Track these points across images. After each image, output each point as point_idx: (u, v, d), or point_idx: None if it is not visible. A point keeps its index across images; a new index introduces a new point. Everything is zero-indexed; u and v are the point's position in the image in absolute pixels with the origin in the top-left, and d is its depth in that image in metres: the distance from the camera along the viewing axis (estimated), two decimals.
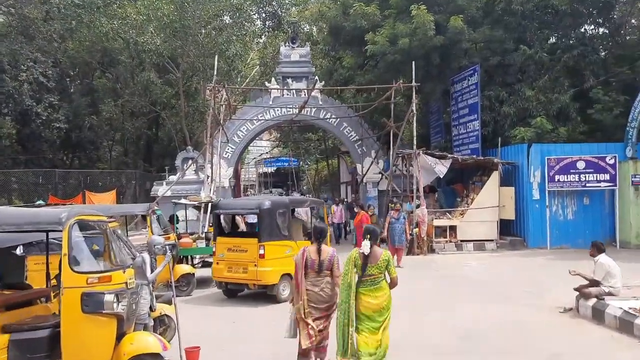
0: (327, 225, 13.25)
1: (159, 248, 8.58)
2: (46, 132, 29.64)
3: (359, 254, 6.70)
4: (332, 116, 25.16)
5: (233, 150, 25.55)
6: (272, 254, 11.67)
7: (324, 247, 7.01)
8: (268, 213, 11.81)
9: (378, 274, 6.65)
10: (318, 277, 6.85)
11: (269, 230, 11.77)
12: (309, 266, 6.86)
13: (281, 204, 12.48)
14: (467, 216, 19.10)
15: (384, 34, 20.66)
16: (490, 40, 21.33)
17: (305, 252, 6.95)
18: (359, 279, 6.68)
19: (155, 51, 26.25)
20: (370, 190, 25.06)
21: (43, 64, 27.66)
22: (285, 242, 11.94)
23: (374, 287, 6.64)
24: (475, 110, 20.56)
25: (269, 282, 11.73)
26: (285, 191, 55.15)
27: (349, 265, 6.72)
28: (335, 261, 6.93)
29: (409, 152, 19.54)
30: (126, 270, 7.25)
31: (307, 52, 25.98)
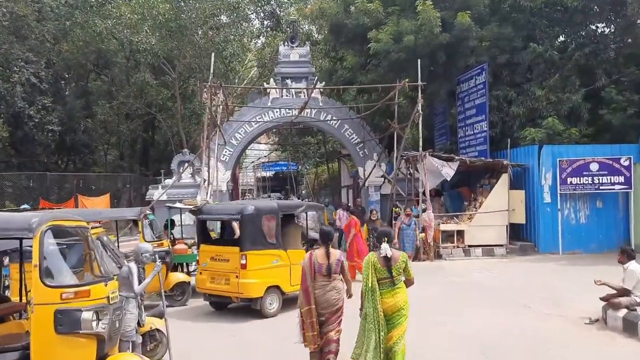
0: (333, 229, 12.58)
1: (147, 256, 7.68)
2: (39, 135, 28.90)
3: (377, 257, 6.59)
4: (332, 118, 24.27)
5: (231, 153, 24.64)
6: (256, 264, 10.64)
7: (332, 250, 6.89)
8: (251, 219, 10.78)
9: (397, 275, 6.61)
10: (326, 281, 6.76)
11: (252, 238, 10.72)
12: (317, 270, 6.78)
13: (267, 209, 11.48)
14: (475, 220, 18.22)
15: (387, 31, 19.82)
16: (498, 38, 20.47)
17: (313, 255, 6.88)
18: (380, 281, 6.59)
19: (150, 51, 25.38)
20: (373, 194, 24.15)
21: (35, 64, 26.77)
22: (271, 251, 10.94)
23: (393, 288, 6.60)
24: (483, 111, 19.70)
25: (252, 295, 10.66)
26: (284, 195, 54.37)
27: (369, 270, 6.60)
28: (344, 264, 6.90)
29: (415, 155, 18.62)
30: (109, 282, 6.36)
31: (307, 51, 25.09)
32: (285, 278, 10.97)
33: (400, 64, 20.10)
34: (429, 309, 10.51)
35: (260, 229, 10.81)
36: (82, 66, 31.61)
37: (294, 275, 10.67)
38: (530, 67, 20.80)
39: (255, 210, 10.83)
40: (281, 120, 24.51)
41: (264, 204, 12.70)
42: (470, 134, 20.75)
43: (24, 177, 27.09)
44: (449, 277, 14.71)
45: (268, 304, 10.78)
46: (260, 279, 10.65)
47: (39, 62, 27.76)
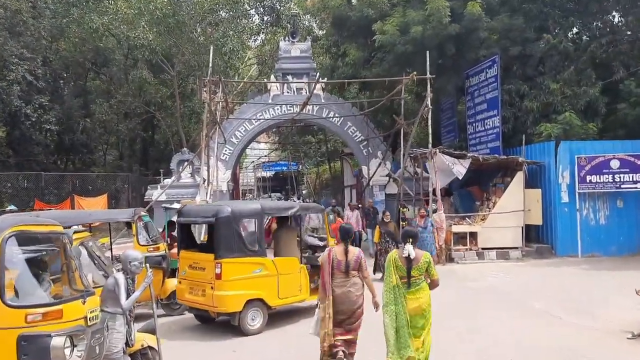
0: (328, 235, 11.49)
1: (136, 265, 6.61)
2: (37, 134, 28.06)
3: (398, 256, 6.52)
4: (335, 115, 23.24)
5: (231, 151, 23.61)
6: (233, 274, 9.23)
7: (351, 247, 6.84)
8: (227, 222, 9.33)
9: (419, 276, 6.50)
10: (345, 278, 6.70)
11: (229, 244, 9.27)
12: (335, 267, 6.72)
13: (247, 211, 10.15)
14: (488, 221, 17.11)
15: (393, 23, 18.76)
16: (509, 29, 19.37)
17: (332, 252, 6.85)
18: (401, 280, 6.50)
19: (147, 47, 24.29)
20: (377, 194, 23.12)
21: (30, 61, 25.72)
22: (253, 259, 9.51)
23: (415, 288, 6.48)
24: (495, 106, 18.62)
25: (228, 309, 9.28)
26: (284, 196, 53.36)
27: (391, 268, 6.53)
28: (363, 261, 6.82)
29: (424, 152, 17.54)
30: (88, 299, 5.27)
31: (308, 47, 24.07)
32: (270, 290, 9.59)
33: (407, 57, 19.02)
34: (444, 317, 9.46)
35: (239, 234, 9.46)
36: (80, 65, 30.72)
37: (283, 287, 9.69)
38: (542, 60, 19.77)
39: (232, 213, 9.43)
40: (282, 117, 23.51)
41: (244, 205, 11.16)
42: (481, 130, 19.68)
43: (20, 177, 26.17)
44: (463, 282, 13.63)
45: (249, 320, 9.37)
46: (238, 290, 9.23)
47: (35, 59, 26.84)
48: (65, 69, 30.91)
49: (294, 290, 9.95)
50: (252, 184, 64.02)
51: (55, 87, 30.14)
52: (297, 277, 10.01)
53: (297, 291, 10.00)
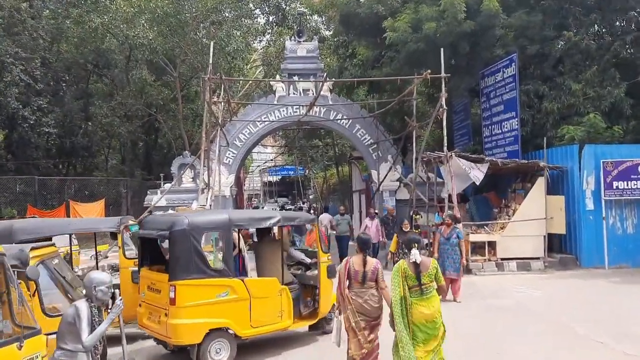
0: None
1: (102, 291, 5.30)
2: (35, 137, 27.01)
3: (408, 264, 6.38)
4: (343, 117, 21.98)
5: (234, 155, 22.37)
6: (190, 299, 7.55)
7: (369, 258, 6.72)
8: (183, 237, 7.64)
9: (429, 282, 6.37)
10: (362, 289, 6.60)
11: (185, 263, 7.60)
12: (353, 277, 6.64)
13: (210, 223, 8.47)
14: (508, 230, 15.79)
15: (405, 20, 17.48)
16: (527, 27, 18.05)
17: (349, 262, 6.73)
18: (410, 289, 6.33)
19: (147, 46, 23.05)
20: (388, 199, 21.80)
21: (27, 61, 24.66)
22: (217, 280, 7.81)
23: (426, 296, 6.33)
24: (513, 107, 17.30)
25: (184, 340, 7.61)
26: (291, 200, 52.13)
27: (399, 278, 6.35)
28: (380, 272, 6.66)
29: (439, 156, 16.22)
30: (27, 340, 3.98)
31: (315, 46, 22.78)
32: (240, 317, 7.92)
33: (419, 55, 17.74)
34: (470, 348, 8.17)
35: (198, 251, 7.76)
36: (81, 67, 29.59)
37: (257, 313, 8.02)
38: (562, 59, 18.44)
39: (190, 225, 7.73)
40: (288, 119, 22.25)
41: (206, 216, 9.28)
42: (497, 133, 18.35)
43: (18, 182, 25.07)
44: (485, 298, 12.28)
45: (213, 353, 7.67)
46: (197, 318, 7.59)
47: (33, 60, 25.84)
48: (66, 71, 29.84)
49: (272, 316, 8.27)
50: (258, 189, 62.96)
51: (56, 90, 29.11)
52: (275, 301, 8.31)
53: (277, 317, 8.31)
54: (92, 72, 30.33)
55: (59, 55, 28.79)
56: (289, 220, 9.38)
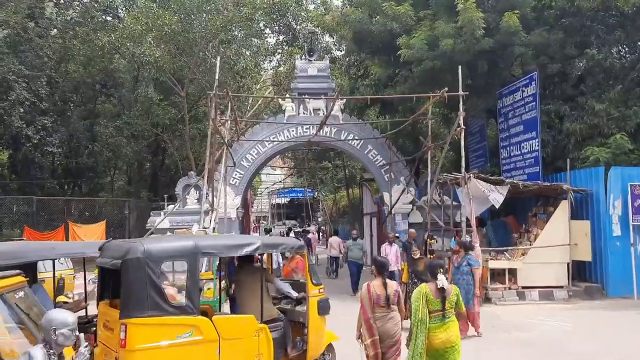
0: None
1: (64, 335, 4.29)
2: (39, 157, 26.36)
3: (430, 289, 6.36)
4: (354, 137, 21.15)
5: (241, 176, 21.55)
6: (145, 340, 6.05)
7: (389, 281, 6.73)
8: (137, 267, 6.16)
9: (450, 309, 6.36)
10: (385, 313, 6.56)
11: (139, 298, 6.12)
12: (375, 301, 6.57)
13: (172, 250, 6.82)
14: (530, 256, 14.76)
15: (420, 36, 16.65)
16: (548, 45, 17.18)
17: (371, 287, 6.67)
18: (430, 314, 6.28)
19: (154, 64, 22.34)
20: (400, 223, 20.86)
21: (32, 80, 24.07)
22: (177, 318, 6.28)
23: (445, 321, 6.31)
24: (534, 127, 16.38)
25: None
26: (299, 223, 51.23)
27: (420, 301, 6.33)
28: (401, 295, 6.74)
29: (457, 177, 15.25)
30: None
31: (326, 65, 22.07)
32: None
33: (435, 73, 16.90)
34: None
35: (155, 283, 6.24)
36: (89, 87, 28.97)
37: (228, 357, 6.52)
38: (583, 78, 17.58)
39: (145, 253, 6.25)
40: (298, 139, 21.45)
41: (167, 242, 7.36)
42: (516, 154, 17.40)
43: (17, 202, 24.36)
44: (509, 330, 11.25)
45: None
46: None
47: (39, 78, 25.27)
48: (74, 90, 29.30)
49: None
50: (266, 211, 62.17)
51: (63, 109, 28.57)
52: (251, 343, 6.87)
53: None
54: (100, 92, 29.68)
55: (66, 75, 28.24)
56: (271, 247, 8.06)
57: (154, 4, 23.41)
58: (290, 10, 24.91)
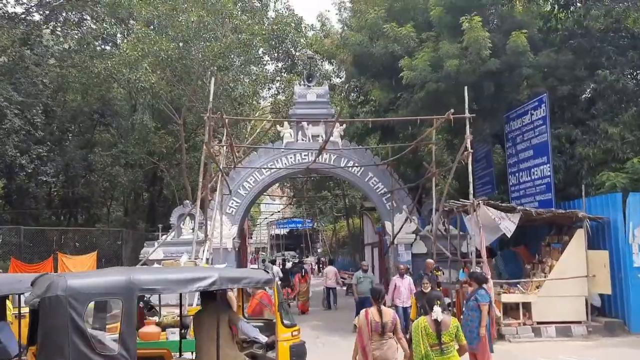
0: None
1: None
2: (34, 187, 25.35)
3: (428, 322, 6.16)
4: (355, 164, 20.12)
5: (238, 204, 20.52)
6: None
7: (384, 308, 6.63)
8: (56, 307, 4.91)
9: (450, 342, 6.13)
10: (382, 340, 6.47)
11: (59, 345, 4.84)
12: (373, 329, 6.49)
13: (101, 286, 5.40)
14: (544, 289, 13.56)
15: (424, 57, 15.75)
16: (557, 67, 16.26)
17: (369, 314, 6.57)
18: (430, 347, 6.07)
19: (149, 90, 21.37)
20: (403, 253, 19.74)
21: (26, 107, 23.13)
22: None
23: (446, 355, 6.10)
24: (544, 152, 15.34)
25: None
26: (299, 254, 49.93)
27: (419, 335, 6.12)
28: (399, 323, 6.63)
29: (464, 204, 14.14)
30: None
31: (326, 91, 21.19)
32: None
33: (439, 96, 15.95)
34: None
35: (78, 327, 4.92)
36: (87, 116, 27.97)
37: None
38: (593, 101, 16.62)
39: (68, 291, 4.96)
40: (296, 167, 20.44)
41: (96, 277, 5.81)
42: (526, 180, 16.33)
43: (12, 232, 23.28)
44: None
45: None
46: None
47: (35, 107, 24.41)
48: (72, 120, 28.39)
49: None
50: (265, 242, 60.86)
51: (60, 139, 27.64)
52: None
53: None
54: (98, 121, 28.74)
55: (64, 104, 27.37)
56: (231, 281, 6.19)
57: (151, 31, 22.59)
58: (289, 37, 24.07)
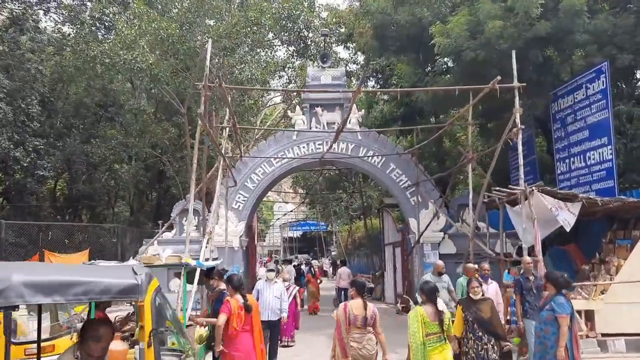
0: None
1: None
2: (32, 183, 23.10)
3: (427, 312, 6.14)
4: (375, 154, 17.52)
5: (245, 199, 17.97)
6: None
7: (368, 302, 6.42)
8: None
9: (446, 331, 6.17)
10: (361, 334, 6.26)
11: None
12: (352, 322, 6.27)
13: None
14: (611, 295, 10.82)
15: (460, 21, 13.08)
16: (615, 33, 13.50)
17: (347, 306, 6.37)
18: (426, 336, 6.06)
19: (147, 71, 18.83)
20: (429, 253, 17.08)
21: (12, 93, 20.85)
22: None
23: (440, 343, 6.10)
24: (604, 132, 12.62)
25: None
26: (312, 257, 47.31)
27: (417, 324, 6.08)
28: (378, 318, 6.41)
29: (513, 192, 11.38)
30: None
31: (342, 73, 18.60)
32: None
33: (476, 68, 13.29)
34: None
35: None
36: (91, 110, 25.65)
37: None
38: None
39: None
40: (309, 157, 17.83)
41: None
42: (579, 167, 13.60)
43: None
44: None
45: None
46: None
47: (30, 96, 22.23)
48: (75, 115, 26.12)
49: None
50: (278, 245, 58.35)
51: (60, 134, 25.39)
52: None
53: None
54: (102, 116, 26.37)
55: (67, 98, 25.03)
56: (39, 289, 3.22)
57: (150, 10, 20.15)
58: (302, 17, 21.44)
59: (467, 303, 7.69)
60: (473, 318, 7.42)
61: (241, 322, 6.47)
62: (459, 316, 7.63)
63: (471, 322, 7.41)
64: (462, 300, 8.24)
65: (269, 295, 9.91)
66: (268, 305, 9.80)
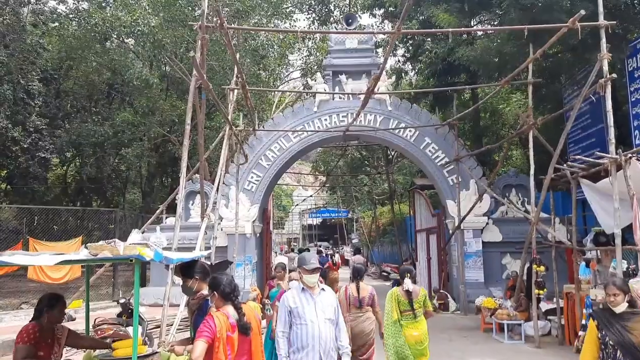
0: None
1: None
2: (35, 166, 20.89)
3: (400, 292, 6.40)
4: (406, 127, 14.80)
5: (259, 179, 15.41)
6: None
7: (363, 285, 6.61)
8: None
9: (419, 308, 6.37)
10: (359, 313, 6.47)
11: None
12: (352, 303, 6.51)
13: None
14: None
15: None
16: None
17: (348, 289, 6.63)
18: (402, 313, 6.35)
19: (149, 36, 16.19)
20: (471, 241, 14.35)
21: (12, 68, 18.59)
22: None
23: (416, 320, 6.31)
24: None
25: None
26: (332, 245, 44.60)
27: (392, 303, 6.40)
28: (376, 298, 6.62)
29: (599, 162, 8.53)
30: None
31: (369, 36, 15.83)
32: None
33: (537, 15, 10.39)
34: None
35: None
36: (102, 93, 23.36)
37: None
38: None
39: None
40: (332, 131, 15.23)
41: None
42: None
43: None
44: None
45: None
46: None
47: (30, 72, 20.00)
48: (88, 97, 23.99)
49: None
50: (297, 233, 55.94)
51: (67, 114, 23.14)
52: None
53: None
54: (113, 97, 23.95)
55: (76, 79, 22.64)
56: None
57: None
58: None
59: (606, 318, 4.63)
60: (616, 342, 4.39)
61: (232, 352, 3.75)
62: (591, 336, 4.64)
63: (612, 348, 4.42)
64: (598, 312, 5.10)
65: (315, 319, 4.64)
66: (317, 339, 4.59)
